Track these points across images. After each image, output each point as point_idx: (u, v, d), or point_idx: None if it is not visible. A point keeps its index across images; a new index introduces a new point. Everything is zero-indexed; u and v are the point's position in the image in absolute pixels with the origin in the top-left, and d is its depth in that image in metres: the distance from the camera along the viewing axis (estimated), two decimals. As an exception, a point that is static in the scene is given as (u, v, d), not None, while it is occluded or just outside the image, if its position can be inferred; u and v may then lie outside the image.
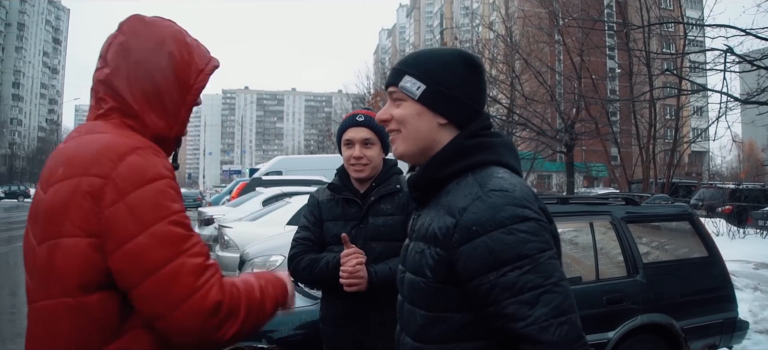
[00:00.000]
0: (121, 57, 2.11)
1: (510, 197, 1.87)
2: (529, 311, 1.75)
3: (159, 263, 1.83)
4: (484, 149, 2.05)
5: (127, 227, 1.84)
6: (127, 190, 1.86)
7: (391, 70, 2.19)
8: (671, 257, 6.85)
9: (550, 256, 1.83)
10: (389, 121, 2.14)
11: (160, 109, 2.12)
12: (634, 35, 21.29)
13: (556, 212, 6.45)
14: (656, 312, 6.02)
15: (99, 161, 1.90)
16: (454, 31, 47.44)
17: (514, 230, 1.81)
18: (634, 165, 24.71)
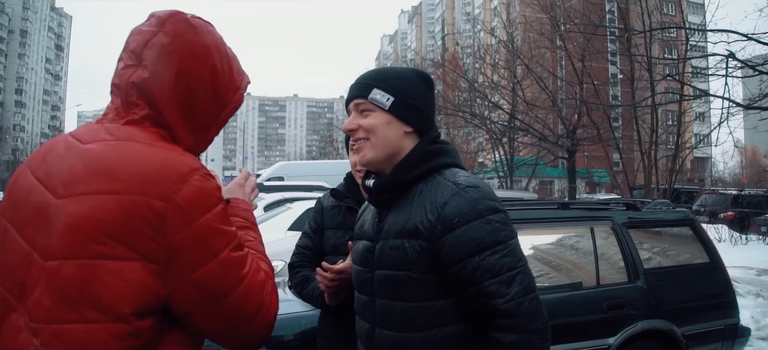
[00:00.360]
0: (164, 63, 1.89)
1: (482, 192, 2.19)
2: (507, 289, 2.08)
3: (229, 288, 1.79)
4: (444, 153, 2.36)
5: (196, 256, 1.74)
6: (193, 217, 1.74)
7: (355, 85, 2.42)
8: (672, 262, 6.79)
9: (517, 242, 2.18)
10: (356, 130, 2.36)
11: (192, 124, 1.96)
12: (635, 41, 21.28)
13: (556, 218, 6.46)
14: (657, 318, 5.97)
15: (159, 181, 1.74)
16: (455, 37, 47.48)
17: (490, 220, 2.14)
18: (636, 171, 24.69)
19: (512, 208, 6.66)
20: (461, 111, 28.58)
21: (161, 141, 1.87)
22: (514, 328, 2.08)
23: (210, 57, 1.93)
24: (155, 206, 1.70)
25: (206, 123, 1.99)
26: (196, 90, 1.91)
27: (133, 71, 1.90)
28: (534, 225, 6.20)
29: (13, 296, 1.76)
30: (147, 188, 1.71)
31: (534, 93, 26.40)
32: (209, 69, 1.93)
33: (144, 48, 1.91)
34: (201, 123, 1.97)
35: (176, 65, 1.88)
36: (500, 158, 30.75)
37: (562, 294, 5.87)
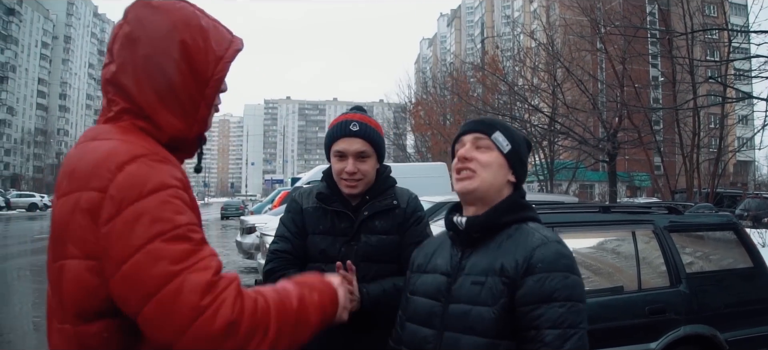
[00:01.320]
0: (128, 51, 1.84)
1: (567, 249, 2.35)
2: (561, 343, 2.17)
3: (158, 283, 1.59)
4: (530, 208, 2.54)
5: (124, 245, 1.61)
6: (123, 203, 1.63)
7: (478, 121, 2.60)
8: (715, 267, 6.72)
9: (585, 308, 2.27)
10: (471, 160, 2.48)
11: (176, 107, 1.85)
12: (677, 43, 21.01)
13: (597, 221, 6.44)
14: (700, 324, 5.93)
15: (97, 173, 1.68)
16: (495, 40, 47.31)
17: (569, 276, 2.26)
18: (678, 175, 24.38)
19: (554, 211, 6.67)
20: (501, 114, 28.45)
21: (134, 134, 1.81)
22: None
23: (176, 33, 1.84)
24: (92, 198, 1.66)
25: (192, 102, 1.88)
26: (167, 71, 1.83)
27: (107, 68, 1.89)
28: (575, 229, 6.18)
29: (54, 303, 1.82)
30: (87, 182, 1.68)
31: (574, 96, 26.16)
32: (177, 46, 1.84)
33: (113, 43, 1.89)
34: (185, 104, 1.87)
35: (142, 50, 1.83)
36: (540, 162, 30.53)
37: (604, 298, 5.86)
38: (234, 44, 1.96)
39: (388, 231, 3.26)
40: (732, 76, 21.42)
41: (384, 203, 3.29)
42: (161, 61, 1.83)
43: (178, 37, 1.84)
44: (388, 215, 3.29)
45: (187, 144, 1.97)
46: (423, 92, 57.79)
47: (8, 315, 12.03)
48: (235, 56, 1.96)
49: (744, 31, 19.08)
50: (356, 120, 3.24)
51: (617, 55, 23.56)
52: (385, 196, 3.32)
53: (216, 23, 1.97)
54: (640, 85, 24.25)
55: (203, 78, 1.88)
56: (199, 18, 1.91)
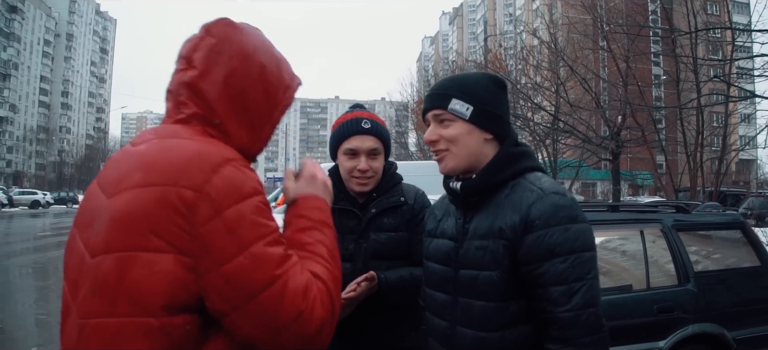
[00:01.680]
0: (212, 61, 1.93)
1: (566, 199, 2.24)
2: (567, 299, 2.11)
3: (261, 285, 1.68)
4: (526, 156, 2.42)
5: (226, 247, 1.67)
6: (223, 206, 1.69)
7: (432, 96, 2.45)
8: (722, 266, 6.73)
9: (591, 255, 2.18)
10: (438, 141, 2.40)
11: (246, 121, 1.95)
12: (680, 41, 21.03)
13: (606, 220, 6.45)
14: (708, 322, 5.95)
15: (190, 171, 1.72)
16: (498, 39, 47.30)
17: (569, 227, 2.17)
18: (681, 173, 24.39)
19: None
20: (504, 112, 28.54)
21: (207, 137, 1.88)
22: (566, 339, 2.12)
23: (257, 55, 1.96)
24: (185, 195, 1.69)
25: (260, 121, 1.98)
26: (246, 87, 1.93)
27: (184, 73, 1.95)
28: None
29: (71, 296, 1.80)
30: (178, 178, 1.71)
31: (577, 94, 26.20)
32: (257, 67, 1.95)
33: (194, 52, 1.95)
34: (255, 121, 1.97)
35: (225, 63, 1.92)
36: (543, 160, 30.57)
37: (612, 296, 5.86)
38: (297, 79, 2.09)
39: (397, 228, 3.27)
40: (735, 74, 21.41)
41: (391, 200, 3.31)
42: (242, 77, 1.93)
43: (259, 60, 1.96)
44: (396, 211, 3.29)
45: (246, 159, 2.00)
46: (425, 90, 57.80)
47: (12, 312, 12.04)
48: (297, 89, 2.09)
49: (748, 30, 19.08)
50: (367, 118, 3.26)
51: (621, 53, 23.58)
52: (392, 193, 3.34)
53: (284, 57, 2.09)
54: (643, 83, 24.22)
55: (274, 101, 2.00)
56: (273, 47, 2.05)
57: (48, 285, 15.43)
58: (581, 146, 26.74)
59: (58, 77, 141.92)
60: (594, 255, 2.20)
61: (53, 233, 33.10)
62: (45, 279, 16.62)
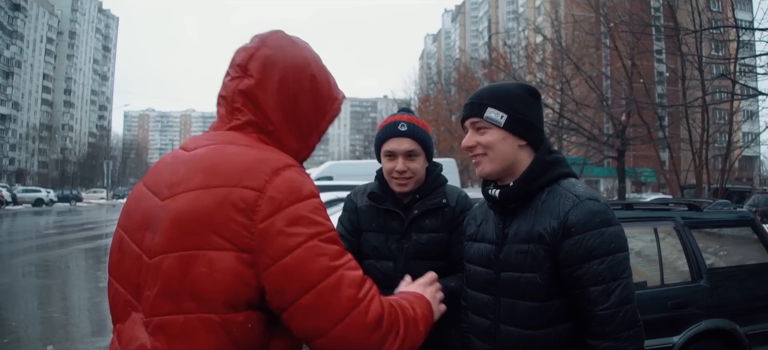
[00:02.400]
0: (268, 71, 2.03)
1: (600, 205, 2.39)
2: (606, 298, 2.30)
3: (319, 276, 1.76)
4: (560, 163, 2.57)
5: (284, 242, 1.76)
6: (283, 204, 1.78)
7: (469, 105, 2.60)
8: (734, 262, 6.82)
9: (625, 256, 2.36)
10: (474, 147, 2.57)
11: (296, 130, 2.07)
12: (685, 39, 21.06)
13: (621, 218, 6.50)
14: (720, 318, 6.02)
15: (252, 174, 1.82)
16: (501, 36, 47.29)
17: (604, 232, 2.33)
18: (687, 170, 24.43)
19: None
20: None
21: (262, 144, 1.99)
22: (608, 335, 2.31)
23: (309, 67, 2.06)
24: (247, 195, 1.77)
25: (309, 129, 2.09)
26: (298, 96, 2.03)
27: (240, 81, 2.04)
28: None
29: (133, 296, 1.88)
30: (240, 180, 1.80)
31: (582, 92, 26.21)
32: (309, 78, 2.05)
33: (249, 61, 2.04)
34: (304, 129, 2.08)
35: (280, 73, 2.02)
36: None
37: (627, 292, 5.92)
38: (341, 93, 2.21)
39: (438, 229, 3.35)
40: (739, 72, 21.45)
41: (433, 202, 3.39)
42: (296, 87, 2.05)
43: (310, 71, 2.07)
44: (438, 213, 3.38)
45: None
46: (428, 87, 57.85)
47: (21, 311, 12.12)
48: (343, 101, 2.20)
49: (750, 28, 19.12)
50: (405, 120, 3.35)
51: (626, 51, 23.61)
52: (435, 194, 3.42)
53: (330, 71, 2.20)
54: (648, 81, 24.23)
55: (322, 111, 2.12)
56: (321, 60, 2.16)
57: (54, 284, 15.47)
58: (586, 144, 26.77)
59: (61, 75, 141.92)
60: (627, 255, 2.37)
61: (57, 231, 33.11)
62: (51, 277, 16.63)
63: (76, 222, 41.15)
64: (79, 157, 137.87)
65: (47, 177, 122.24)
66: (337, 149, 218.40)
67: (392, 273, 3.18)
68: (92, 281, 15.48)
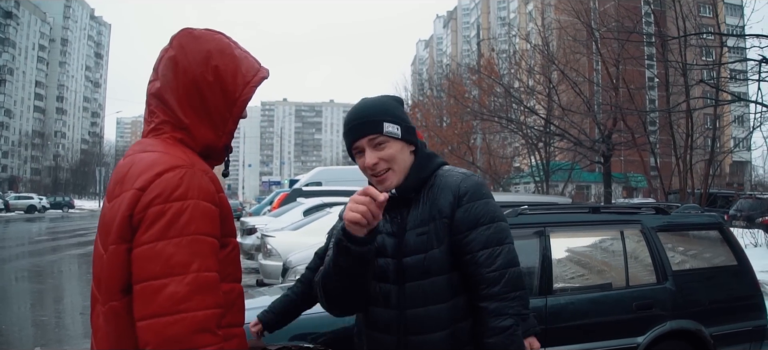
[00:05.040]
0: (171, 71, 2.21)
1: (481, 180, 2.75)
2: (493, 261, 2.56)
3: (149, 275, 1.91)
4: (436, 155, 2.84)
5: (140, 236, 1.95)
6: (154, 202, 1.96)
7: (364, 124, 2.64)
8: (701, 265, 6.93)
9: (507, 225, 2.67)
10: (377, 164, 2.64)
11: (209, 121, 2.24)
12: (670, 45, 21.20)
13: (587, 221, 6.65)
14: (685, 319, 6.14)
15: (143, 176, 2.02)
16: (490, 42, 47.38)
17: (489, 201, 2.66)
18: (672, 175, 24.55)
19: (546, 212, 6.92)
20: (497, 116, 28.57)
21: (174, 145, 2.18)
22: (495, 296, 2.55)
23: (211, 60, 2.21)
24: (133, 195, 1.99)
25: (222, 118, 2.26)
26: (203, 91, 2.20)
27: (152, 84, 2.26)
28: (566, 228, 6.40)
29: (97, 289, 2.14)
30: (134, 183, 2.02)
31: (569, 98, 26.27)
32: (212, 71, 2.20)
33: (159, 63, 2.26)
34: (217, 119, 2.25)
35: (182, 71, 2.20)
36: (536, 163, 30.65)
37: (593, 294, 6.11)
38: (260, 73, 2.33)
39: None
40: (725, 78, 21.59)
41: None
42: (199, 82, 2.20)
43: (213, 63, 2.22)
44: None
45: (216, 152, 2.33)
46: (419, 93, 57.85)
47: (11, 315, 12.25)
48: (260, 82, 2.32)
49: (734, 34, 19.26)
50: None
51: (611, 57, 23.73)
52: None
53: (247, 54, 2.35)
54: (634, 87, 24.37)
55: (232, 98, 2.26)
56: (232, 48, 2.30)
57: (45, 288, 15.60)
58: (573, 149, 26.87)
59: (53, 82, 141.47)
60: (507, 226, 2.67)
61: (50, 237, 33.16)
62: (42, 282, 16.79)
63: (69, 229, 41.23)
64: (71, 164, 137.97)
65: (40, 184, 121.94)
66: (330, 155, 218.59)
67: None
68: (84, 285, 15.59)
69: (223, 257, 2.14)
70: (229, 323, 2.13)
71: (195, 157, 2.19)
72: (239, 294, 2.26)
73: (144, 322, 1.90)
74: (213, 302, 1.97)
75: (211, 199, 2.08)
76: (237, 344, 2.19)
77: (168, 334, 1.87)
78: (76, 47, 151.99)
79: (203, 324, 1.92)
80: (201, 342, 1.90)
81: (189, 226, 1.97)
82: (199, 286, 1.94)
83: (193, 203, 2.00)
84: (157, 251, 1.92)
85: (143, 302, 1.91)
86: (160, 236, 1.94)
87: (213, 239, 2.04)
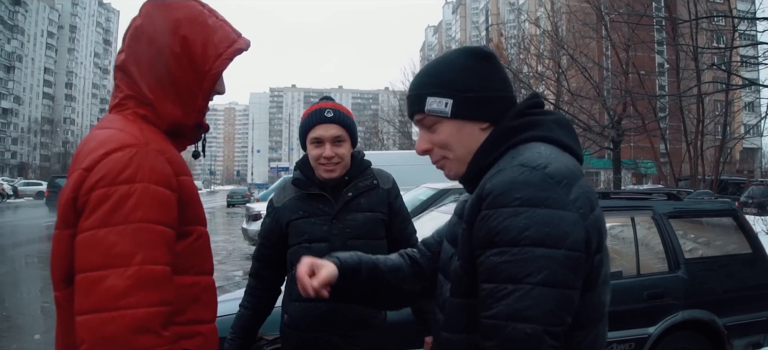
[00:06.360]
0: (136, 42, 2.01)
1: (534, 175, 1.69)
2: (493, 303, 1.64)
3: (89, 266, 1.73)
4: (531, 126, 1.88)
5: (83, 221, 1.76)
6: (98, 185, 1.77)
7: (410, 97, 2.01)
8: (714, 253, 6.77)
9: (546, 255, 1.61)
10: (431, 150, 1.98)
11: (176, 96, 2.01)
12: (681, 30, 20.98)
13: (596, 208, 6.49)
14: (698, 309, 5.98)
15: (91, 155, 1.83)
16: (499, 27, 47.16)
17: (521, 211, 1.64)
18: (683, 162, 24.33)
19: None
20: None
21: (135, 122, 1.96)
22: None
23: (179, 29, 1.98)
24: (78, 175, 1.80)
25: (190, 93, 2.02)
26: (169, 62, 1.97)
27: (119, 56, 2.06)
28: (574, 215, 6.24)
29: None
30: (82, 163, 1.83)
31: (579, 83, 26.12)
32: (179, 41, 1.97)
33: (126, 33, 2.06)
34: (185, 94, 2.01)
35: (146, 41, 1.99)
36: (545, 149, 30.43)
37: (603, 283, 5.90)
38: (236, 43, 2.07)
39: (373, 208, 3.42)
40: (737, 62, 21.36)
41: (365, 183, 3.46)
42: (165, 53, 1.97)
43: (181, 33, 1.98)
44: (371, 194, 3.45)
45: (186, 131, 2.10)
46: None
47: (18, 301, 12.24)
48: (235, 54, 2.06)
49: (748, 18, 19.03)
50: (330, 107, 3.40)
51: (621, 42, 23.52)
52: (364, 176, 3.49)
53: (223, 23, 2.09)
54: (644, 72, 24.19)
55: (201, 72, 2.01)
56: (205, 16, 2.05)
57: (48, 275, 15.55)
58: (583, 135, 26.69)
59: (62, 69, 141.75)
60: (553, 256, 1.61)
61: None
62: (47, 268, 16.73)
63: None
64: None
65: (49, 170, 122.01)
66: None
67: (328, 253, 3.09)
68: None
69: (185, 248, 1.93)
70: (192, 319, 1.93)
71: (156, 135, 1.97)
72: (205, 288, 2.03)
73: (81, 317, 1.71)
74: (157, 298, 1.75)
75: (165, 182, 1.86)
76: (201, 343, 1.97)
77: (104, 333, 1.68)
78: (85, 34, 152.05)
79: (143, 323, 1.70)
80: (141, 344, 1.69)
81: (135, 212, 1.76)
82: (141, 280, 1.72)
83: (142, 187, 1.79)
84: (98, 238, 1.73)
85: (82, 295, 1.72)
86: (103, 223, 1.73)
87: (164, 228, 1.82)
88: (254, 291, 3.53)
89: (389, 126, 65.23)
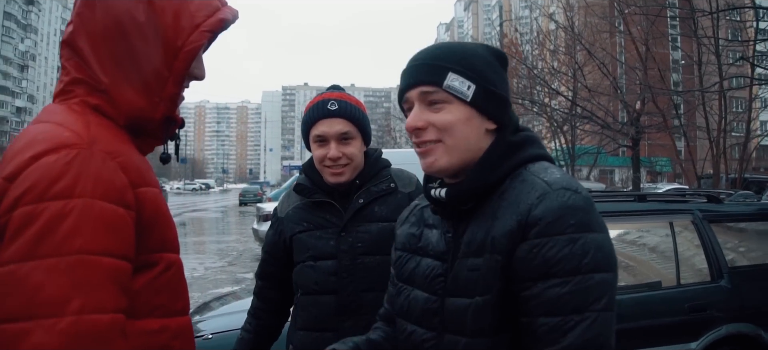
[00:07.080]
0: (89, 9, 1.53)
1: (579, 199, 1.61)
2: (560, 337, 1.53)
3: (6, 315, 1.26)
4: (532, 143, 1.80)
5: (3, 250, 1.30)
6: (20, 201, 1.31)
7: (419, 67, 1.77)
8: (759, 261, 6.33)
9: (604, 279, 1.56)
10: (425, 129, 1.74)
11: (138, 80, 1.53)
12: (702, 23, 20.54)
13: (633, 211, 6.08)
14: (743, 322, 5.59)
15: (15, 159, 1.37)
16: (513, 23, 46.89)
17: (578, 238, 1.55)
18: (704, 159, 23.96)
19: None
20: (521, 98, 28.10)
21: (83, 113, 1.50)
22: None
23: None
24: (1, 187, 1.35)
25: (157, 76, 1.55)
26: (129, 35, 1.51)
27: (66, 29, 1.59)
28: (609, 219, 5.78)
29: None
30: (6, 166, 1.38)
31: (595, 79, 25.84)
32: (143, 8, 1.51)
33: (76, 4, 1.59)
34: (149, 77, 1.54)
35: (101, 9, 1.52)
36: (561, 147, 30.24)
37: (640, 294, 5.57)
38: (219, 13, 1.60)
39: (391, 217, 2.62)
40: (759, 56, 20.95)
41: (380, 188, 2.86)
42: (125, 24, 1.51)
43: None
44: (387, 199, 2.84)
45: (152, 127, 1.61)
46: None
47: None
48: (217, 26, 1.59)
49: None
50: (335, 98, 2.80)
51: (640, 36, 23.14)
52: (379, 179, 2.88)
53: None
54: (663, 67, 23.82)
55: (173, 48, 1.54)
56: None
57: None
58: (600, 132, 26.37)
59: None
60: (609, 279, 1.58)
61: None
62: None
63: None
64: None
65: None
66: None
67: (333, 270, 2.70)
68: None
69: (147, 284, 1.47)
70: None
71: (108, 132, 1.49)
72: (177, 334, 1.56)
73: None
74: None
75: (116, 197, 1.38)
76: None
77: None
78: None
79: None
80: None
81: (71, 240, 1.28)
82: (79, 337, 1.25)
83: (82, 203, 1.31)
84: (18, 277, 1.25)
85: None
86: (27, 255, 1.26)
87: (113, 260, 1.34)
88: (257, 312, 3.01)
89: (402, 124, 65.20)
